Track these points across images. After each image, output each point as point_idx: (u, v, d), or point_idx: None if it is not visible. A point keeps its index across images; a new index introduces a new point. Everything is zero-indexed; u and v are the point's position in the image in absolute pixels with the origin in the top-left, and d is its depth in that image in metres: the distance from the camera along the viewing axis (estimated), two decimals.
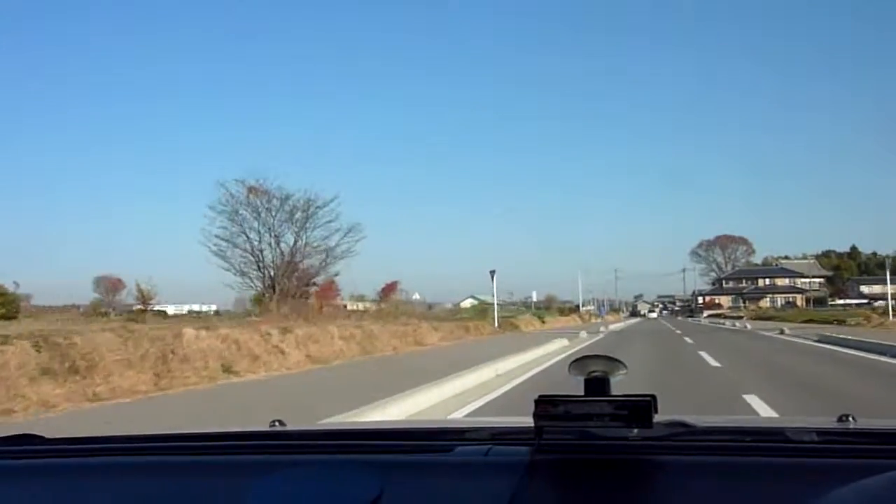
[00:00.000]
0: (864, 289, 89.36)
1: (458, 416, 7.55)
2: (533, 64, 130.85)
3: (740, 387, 9.98)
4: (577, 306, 78.43)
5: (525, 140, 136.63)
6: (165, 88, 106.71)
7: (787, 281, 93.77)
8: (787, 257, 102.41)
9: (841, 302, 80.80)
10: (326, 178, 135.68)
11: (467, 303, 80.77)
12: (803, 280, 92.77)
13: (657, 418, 0.99)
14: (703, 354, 16.82)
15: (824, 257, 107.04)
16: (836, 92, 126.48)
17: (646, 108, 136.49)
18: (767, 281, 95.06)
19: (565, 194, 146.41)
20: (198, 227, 31.09)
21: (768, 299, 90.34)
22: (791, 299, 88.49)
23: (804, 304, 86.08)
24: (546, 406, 0.98)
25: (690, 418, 1.22)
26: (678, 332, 33.45)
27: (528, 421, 1.02)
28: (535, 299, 76.76)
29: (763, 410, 7.72)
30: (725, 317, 68.30)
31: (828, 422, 1.38)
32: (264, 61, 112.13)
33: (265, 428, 1.46)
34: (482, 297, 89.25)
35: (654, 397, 0.97)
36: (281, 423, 1.49)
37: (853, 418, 1.36)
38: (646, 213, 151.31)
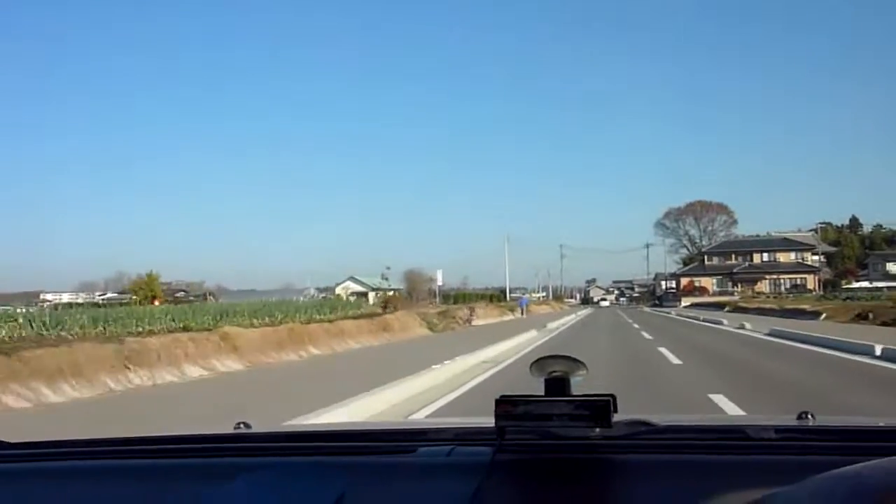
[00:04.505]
0: (892, 266, 66.79)
1: None
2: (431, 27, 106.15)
3: None
4: (504, 293, 53.26)
5: (447, 107, 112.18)
6: None
7: (792, 256, 70.35)
8: (761, 235, 79.02)
9: (862, 285, 57.61)
10: None
11: (343, 287, 55.36)
12: (813, 256, 69.34)
13: (618, 417, 1.00)
14: None
15: (821, 230, 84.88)
16: (831, 47, 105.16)
17: (593, 56, 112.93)
18: (765, 256, 71.60)
19: (498, 161, 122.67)
20: None
21: (768, 281, 66.80)
22: (800, 280, 65.03)
23: (817, 286, 62.21)
24: (507, 406, 0.99)
25: (651, 417, 1.23)
26: None
27: (490, 421, 1.03)
28: (440, 283, 52.53)
29: None
30: (739, 307, 42.60)
31: (787, 420, 1.39)
32: None
33: (229, 430, 1.45)
34: (365, 280, 64.87)
35: (613, 397, 0.98)
36: (246, 425, 1.48)
37: (812, 416, 1.36)
38: (599, 176, 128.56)
